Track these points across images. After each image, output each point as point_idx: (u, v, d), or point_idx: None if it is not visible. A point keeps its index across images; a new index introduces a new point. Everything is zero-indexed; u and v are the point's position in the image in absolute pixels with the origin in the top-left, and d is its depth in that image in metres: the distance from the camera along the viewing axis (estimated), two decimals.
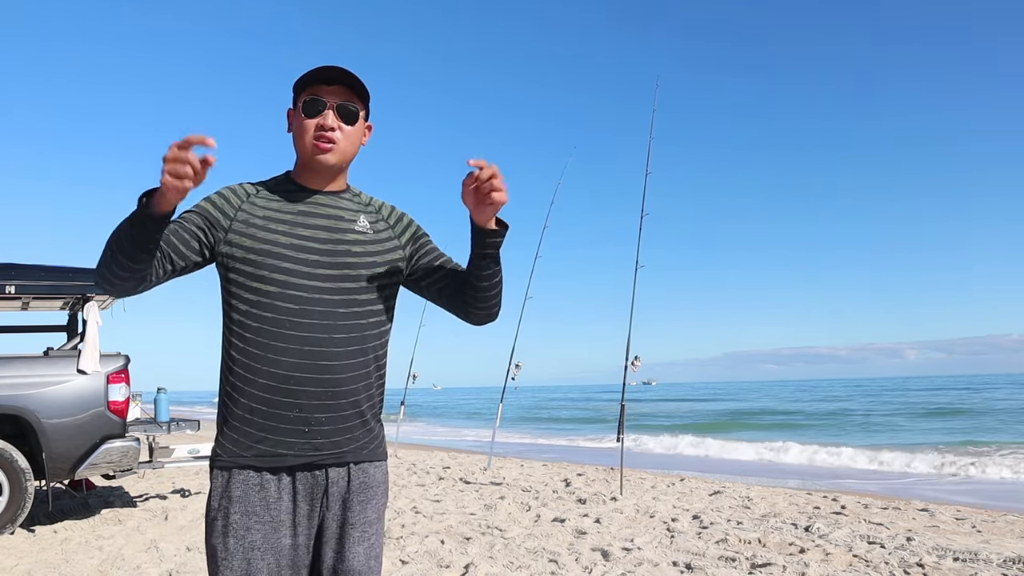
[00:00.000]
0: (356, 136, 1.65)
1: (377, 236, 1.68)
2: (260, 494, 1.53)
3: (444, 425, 27.75)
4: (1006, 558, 4.48)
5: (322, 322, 1.56)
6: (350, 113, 1.61)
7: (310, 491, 1.57)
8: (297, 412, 1.54)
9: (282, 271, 1.55)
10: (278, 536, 1.53)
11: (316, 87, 1.59)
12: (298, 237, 1.58)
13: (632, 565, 4.42)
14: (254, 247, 1.56)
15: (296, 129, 1.62)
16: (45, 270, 5.95)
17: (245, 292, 1.56)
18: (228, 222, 1.58)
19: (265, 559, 1.51)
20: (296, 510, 1.56)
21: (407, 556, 4.63)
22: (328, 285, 1.58)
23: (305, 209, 1.62)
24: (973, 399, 32.40)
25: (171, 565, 4.44)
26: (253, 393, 1.54)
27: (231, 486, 1.53)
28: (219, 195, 1.62)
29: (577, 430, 23.49)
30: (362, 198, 1.73)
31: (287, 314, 1.54)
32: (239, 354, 1.55)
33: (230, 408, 1.56)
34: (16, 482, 5.42)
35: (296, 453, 1.55)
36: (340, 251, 1.61)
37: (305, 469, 1.57)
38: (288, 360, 1.53)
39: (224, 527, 1.52)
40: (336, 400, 1.57)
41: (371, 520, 1.62)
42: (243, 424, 1.55)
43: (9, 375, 5.47)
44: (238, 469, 1.54)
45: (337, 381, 1.57)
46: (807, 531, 5.46)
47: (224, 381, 1.59)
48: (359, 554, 1.58)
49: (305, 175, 1.65)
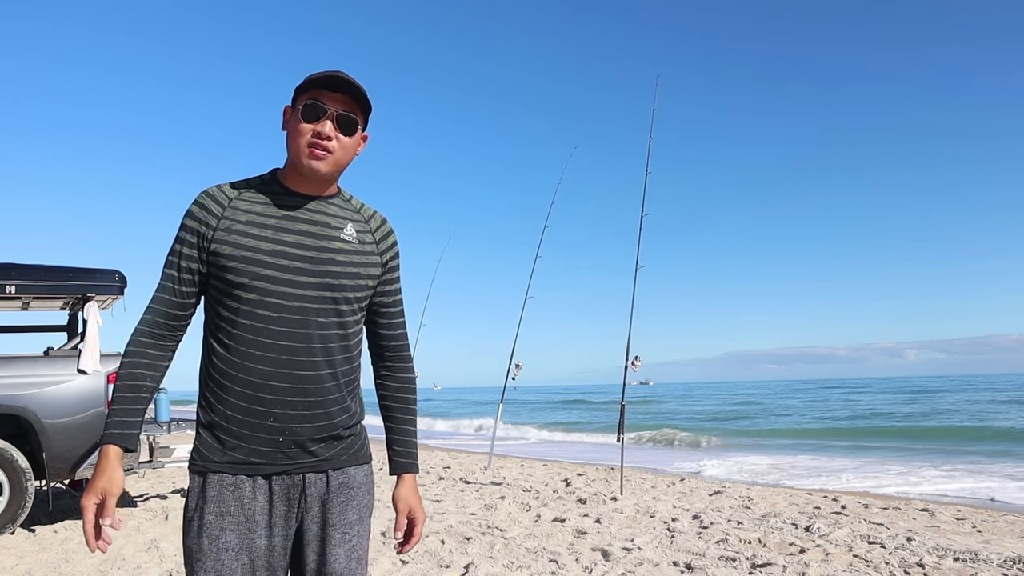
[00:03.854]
0: (352, 146, 1.61)
1: (362, 247, 1.65)
2: (234, 495, 1.52)
3: (444, 425, 27.76)
4: (1006, 558, 4.48)
5: (300, 331, 1.54)
6: (349, 123, 1.57)
7: (286, 493, 1.56)
8: (272, 421, 1.53)
9: (263, 278, 1.53)
10: (253, 536, 1.52)
11: (319, 92, 1.56)
12: (281, 243, 1.55)
13: (632, 565, 4.42)
14: (235, 254, 1.53)
15: (291, 131, 1.58)
16: (45, 270, 5.94)
17: (226, 298, 1.54)
18: (211, 232, 1.55)
19: (240, 559, 1.50)
20: (272, 511, 1.54)
21: (407, 556, 4.63)
22: (309, 293, 1.55)
23: (291, 214, 1.58)
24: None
25: (171, 565, 4.44)
26: (229, 400, 1.52)
27: (206, 487, 1.52)
28: (198, 206, 1.58)
29: (577, 430, 23.48)
30: (353, 203, 1.69)
31: (265, 322, 1.52)
32: (218, 360, 1.54)
33: (207, 413, 1.55)
34: (16, 482, 5.42)
35: (269, 462, 1.54)
36: (324, 259, 1.58)
37: (282, 473, 1.56)
38: (264, 368, 1.52)
39: (199, 528, 1.51)
40: (312, 410, 1.55)
41: (352, 521, 1.61)
42: (218, 430, 1.54)
43: (9, 375, 5.47)
44: (212, 472, 1.53)
45: (313, 391, 1.55)
46: (807, 531, 5.46)
47: (203, 386, 1.58)
48: (340, 555, 1.57)
49: (293, 178, 1.61)
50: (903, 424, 23.09)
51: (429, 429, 25.83)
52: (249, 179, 1.64)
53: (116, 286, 6.10)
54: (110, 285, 6.07)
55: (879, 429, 21.56)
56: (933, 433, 19.30)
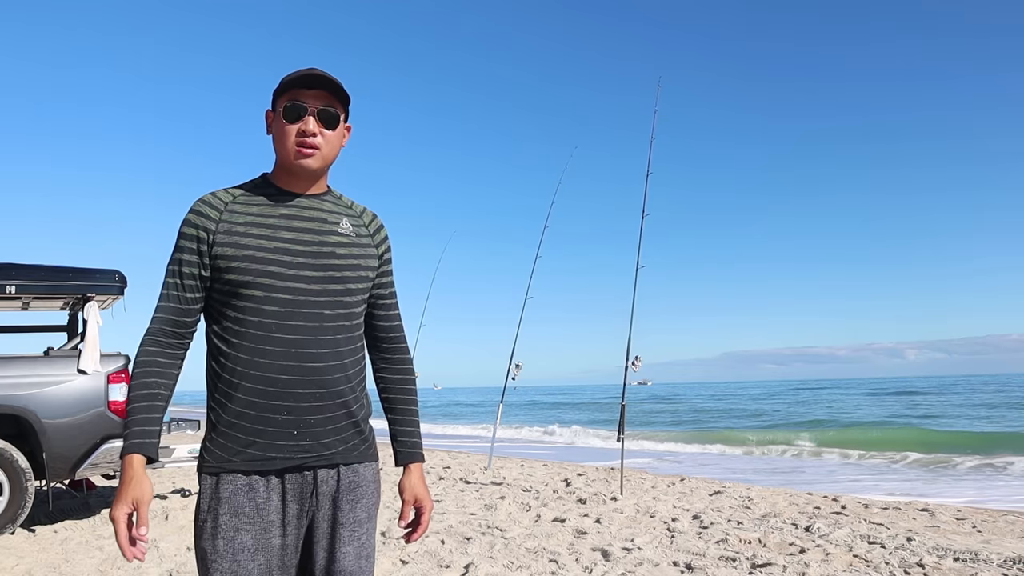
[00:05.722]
0: (337, 140, 1.65)
1: (359, 240, 1.69)
2: (249, 495, 1.53)
3: (444, 425, 27.75)
4: (1006, 558, 4.48)
5: (308, 324, 1.57)
6: (331, 117, 1.61)
7: (299, 491, 1.57)
8: (285, 415, 1.55)
9: (267, 275, 1.55)
10: (268, 536, 1.53)
11: (296, 91, 1.60)
12: (282, 240, 1.58)
13: (632, 565, 4.43)
14: (237, 255, 1.56)
15: (277, 133, 1.62)
16: (45, 270, 5.94)
17: (231, 299, 1.57)
18: (210, 236, 1.58)
19: (256, 560, 1.51)
20: (286, 510, 1.56)
21: (407, 556, 4.63)
22: (313, 287, 1.59)
23: (287, 212, 1.62)
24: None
25: (171, 565, 4.44)
26: (241, 398, 1.54)
27: (220, 488, 1.53)
28: (195, 213, 1.60)
29: (577, 430, 23.48)
30: (344, 201, 1.74)
31: (273, 317, 1.55)
32: (227, 360, 1.56)
33: (219, 413, 1.57)
34: (16, 482, 5.42)
35: (285, 456, 1.55)
36: (325, 253, 1.62)
37: (294, 470, 1.57)
38: (275, 363, 1.54)
39: (213, 529, 1.52)
40: (324, 401, 1.58)
41: (361, 520, 1.62)
42: (232, 429, 1.55)
43: (9, 375, 5.47)
44: (226, 472, 1.54)
45: (325, 382, 1.58)
46: (807, 531, 5.46)
47: (212, 387, 1.59)
48: (349, 553, 1.59)
49: (285, 178, 1.65)
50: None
51: (429, 430, 25.83)
52: (242, 184, 1.67)
53: (116, 286, 6.11)
54: (110, 285, 6.07)
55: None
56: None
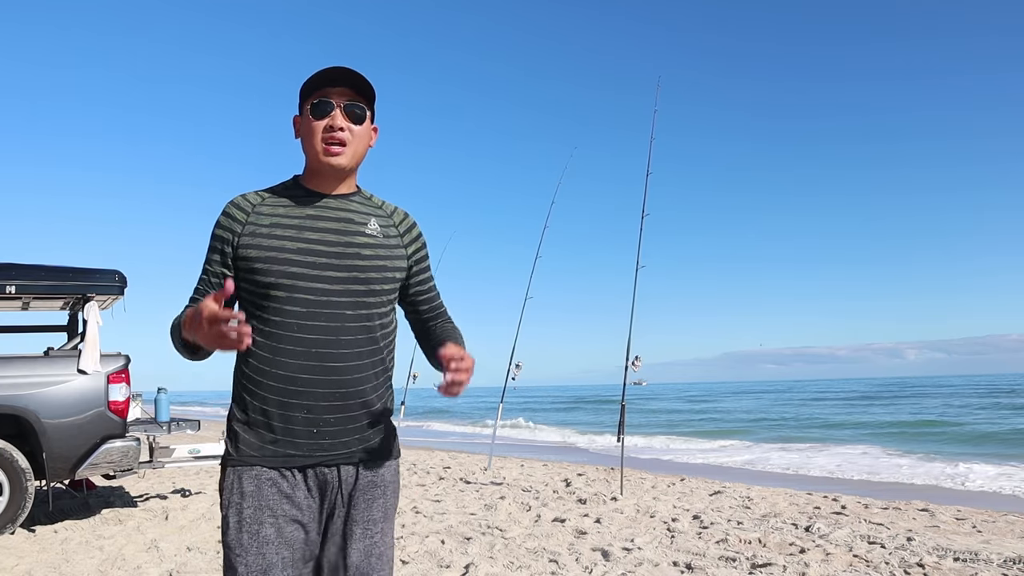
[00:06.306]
0: (365, 136, 1.65)
1: (387, 240, 1.69)
2: (272, 489, 1.55)
3: (444, 425, 27.75)
4: (1006, 558, 4.48)
5: (329, 324, 1.58)
6: (358, 112, 1.62)
7: (321, 486, 1.59)
8: (305, 413, 1.56)
9: (289, 275, 1.57)
10: (292, 530, 1.55)
11: (322, 89, 1.60)
12: (305, 241, 1.59)
13: (632, 565, 4.42)
14: (260, 256, 1.58)
15: (305, 132, 1.63)
16: (45, 270, 5.95)
17: (257, 299, 1.59)
18: (237, 238, 1.60)
19: (280, 553, 1.52)
20: (308, 504, 1.58)
21: (407, 556, 4.63)
22: (336, 287, 1.59)
23: (313, 213, 1.63)
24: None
25: (171, 565, 4.44)
26: (264, 396, 1.57)
27: (244, 483, 1.56)
28: (225, 216, 1.63)
29: (577, 430, 23.47)
30: (374, 201, 1.73)
31: (294, 317, 1.56)
32: (251, 358, 1.59)
33: (243, 410, 1.60)
34: (16, 482, 5.42)
35: (305, 454, 1.57)
36: (349, 254, 1.62)
37: (316, 467, 1.59)
38: (296, 362, 1.56)
39: (238, 523, 1.54)
40: (344, 401, 1.59)
41: (375, 519, 1.63)
42: (256, 426, 1.58)
43: (9, 375, 5.47)
44: (249, 467, 1.56)
45: (345, 382, 1.59)
46: (807, 531, 5.46)
47: (237, 385, 1.62)
48: (359, 550, 1.59)
49: (314, 179, 1.66)
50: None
51: (429, 429, 25.83)
52: (272, 186, 1.69)
53: (116, 286, 6.11)
54: (110, 285, 6.07)
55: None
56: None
